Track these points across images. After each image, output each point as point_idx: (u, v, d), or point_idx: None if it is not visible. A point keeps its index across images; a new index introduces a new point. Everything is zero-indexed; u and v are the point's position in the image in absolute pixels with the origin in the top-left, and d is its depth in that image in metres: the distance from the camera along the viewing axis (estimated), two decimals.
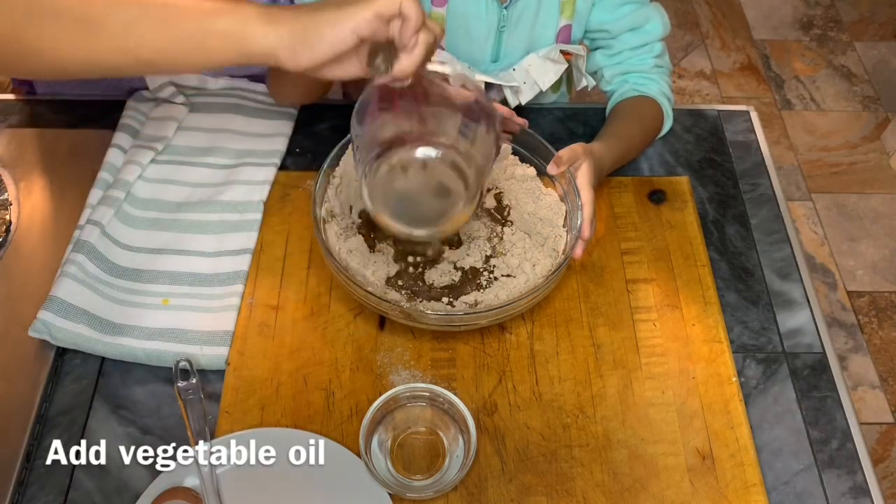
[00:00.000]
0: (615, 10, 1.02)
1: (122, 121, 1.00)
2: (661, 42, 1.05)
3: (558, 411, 0.81)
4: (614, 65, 1.06)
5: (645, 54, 1.05)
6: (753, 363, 0.86)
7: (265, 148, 1.00)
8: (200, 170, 0.97)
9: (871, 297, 1.95)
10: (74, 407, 0.80)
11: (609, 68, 1.06)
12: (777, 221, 0.99)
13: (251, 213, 0.93)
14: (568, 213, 0.90)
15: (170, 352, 0.81)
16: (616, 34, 1.04)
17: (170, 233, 0.91)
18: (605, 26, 1.04)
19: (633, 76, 1.05)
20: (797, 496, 0.77)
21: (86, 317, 0.82)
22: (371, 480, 0.74)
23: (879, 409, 1.77)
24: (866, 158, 2.25)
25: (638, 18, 1.03)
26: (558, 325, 0.87)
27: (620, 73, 1.05)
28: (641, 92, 1.04)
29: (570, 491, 0.76)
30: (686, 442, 0.79)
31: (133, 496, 0.73)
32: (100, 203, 0.91)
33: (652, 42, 1.04)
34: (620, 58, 1.05)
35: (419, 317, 0.80)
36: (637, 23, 1.03)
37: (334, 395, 0.81)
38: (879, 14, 2.67)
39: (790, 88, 2.43)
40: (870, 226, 2.09)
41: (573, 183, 0.88)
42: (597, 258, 0.93)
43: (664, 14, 1.05)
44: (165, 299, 0.86)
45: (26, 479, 0.75)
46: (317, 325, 0.87)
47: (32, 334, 0.80)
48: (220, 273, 0.88)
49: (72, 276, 0.84)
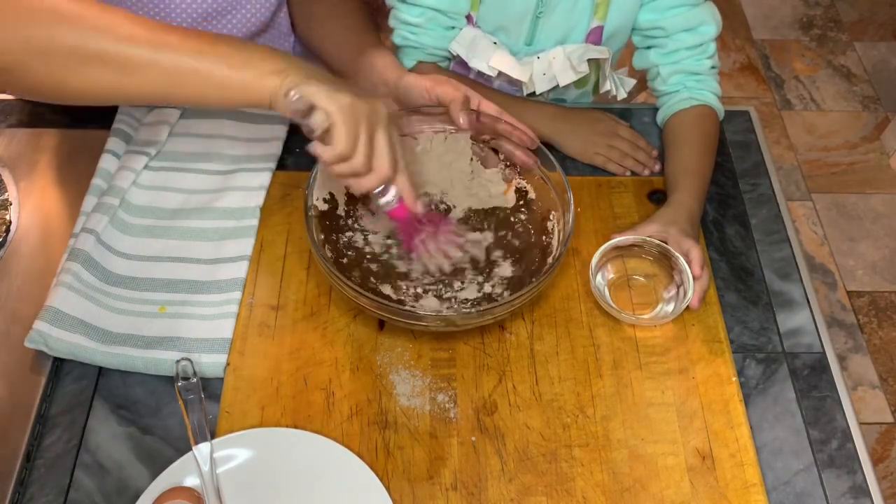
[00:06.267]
0: (668, 9, 1.02)
1: (114, 125, 0.99)
2: (714, 42, 1.05)
3: (558, 411, 0.81)
4: (671, 63, 1.05)
5: (700, 55, 1.04)
6: (753, 363, 0.86)
7: (260, 153, 0.99)
8: (196, 176, 0.97)
9: (870, 297, 1.95)
10: (74, 407, 0.80)
11: (666, 66, 1.05)
12: (777, 221, 0.99)
13: (248, 219, 0.93)
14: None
15: (168, 360, 0.80)
16: (671, 33, 1.03)
17: (166, 240, 0.90)
18: (658, 24, 1.03)
19: (691, 80, 1.04)
20: (797, 496, 0.77)
21: (82, 326, 0.81)
22: (371, 480, 0.74)
23: (879, 409, 1.77)
24: (866, 158, 2.25)
25: (692, 19, 1.02)
26: (558, 325, 0.87)
27: (677, 72, 1.05)
28: (699, 100, 1.03)
29: (570, 491, 0.76)
30: (686, 442, 0.80)
31: (133, 496, 0.73)
32: (94, 210, 0.90)
33: (707, 42, 1.04)
34: (677, 57, 1.04)
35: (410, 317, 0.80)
36: (692, 23, 1.02)
37: (334, 395, 0.81)
38: (879, 14, 2.67)
39: (790, 88, 2.43)
40: (870, 226, 2.09)
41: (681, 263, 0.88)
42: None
43: (717, 13, 1.04)
44: (162, 307, 0.85)
45: (26, 479, 0.75)
46: (317, 325, 0.87)
47: (28, 345, 0.80)
48: (217, 280, 0.87)
49: (67, 286, 0.83)
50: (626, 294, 0.90)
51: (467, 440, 0.79)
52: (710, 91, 1.04)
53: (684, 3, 1.02)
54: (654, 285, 0.91)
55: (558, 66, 1.04)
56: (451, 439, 0.79)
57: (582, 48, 1.04)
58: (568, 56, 1.04)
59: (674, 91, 1.05)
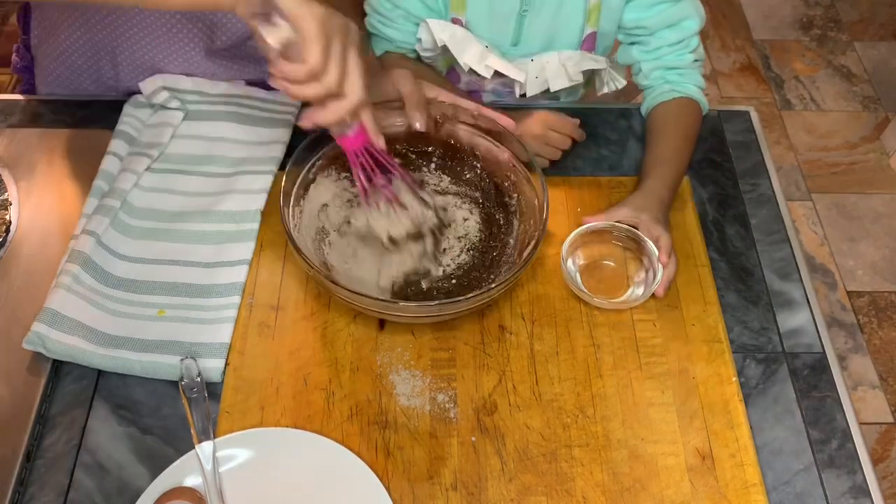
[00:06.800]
0: (650, 7, 1.02)
1: (118, 127, 0.99)
2: (697, 35, 1.05)
3: (558, 411, 0.81)
4: (653, 60, 1.05)
5: (682, 50, 1.04)
6: (753, 363, 0.86)
7: (262, 156, 0.98)
8: (197, 179, 0.96)
9: (870, 297, 1.95)
10: (74, 407, 0.80)
11: (647, 63, 1.06)
12: (777, 221, 0.99)
13: (248, 223, 0.92)
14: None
15: (166, 364, 0.80)
16: (653, 31, 1.04)
17: (166, 243, 0.90)
18: (641, 23, 1.03)
19: (672, 74, 1.04)
20: (797, 496, 0.77)
21: (81, 329, 0.81)
22: (371, 480, 0.74)
23: (879, 409, 1.77)
24: (866, 158, 2.25)
25: (674, 15, 1.02)
26: (558, 325, 0.87)
27: (659, 67, 1.05)
28: (681, 92, 1.03)
29: (570, 491, 0.76)
30: (686, 442, 0.80)
31: (133, 496, 0.73)
32: (95, 212, 0.90)
33: (689, 37, 1.04)
34: (658, 53, 1.05)
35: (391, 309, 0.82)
36: (674, 19, 1.03)
37: (334, 395, 0.81)
38: (879, 14, 2.67)
39: (790, 88, 2.43)
40: (870, 226, 2.09)
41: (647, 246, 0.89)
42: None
43: (700, 7, 1.04)
44: (161, 310, 0.85)
45: (26, 479, 0.75)
46: (317, 325, 0.87)
47: (27, 346, 0.80)
48: (217, 284, 0.87)
49: (66, 288, 0.82)
50: (596, 278, 0.91)
51: (467, 440, 0.79)
52: (693, 84, 1.04)
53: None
54: (625, 270, 0.92)
55: (551, 72, 1.04)
56: (451, 439, 0.79)
57: (577, 56, 1.04)
58: (563, 63, 1.04)
59: (657, 84, 1.05)
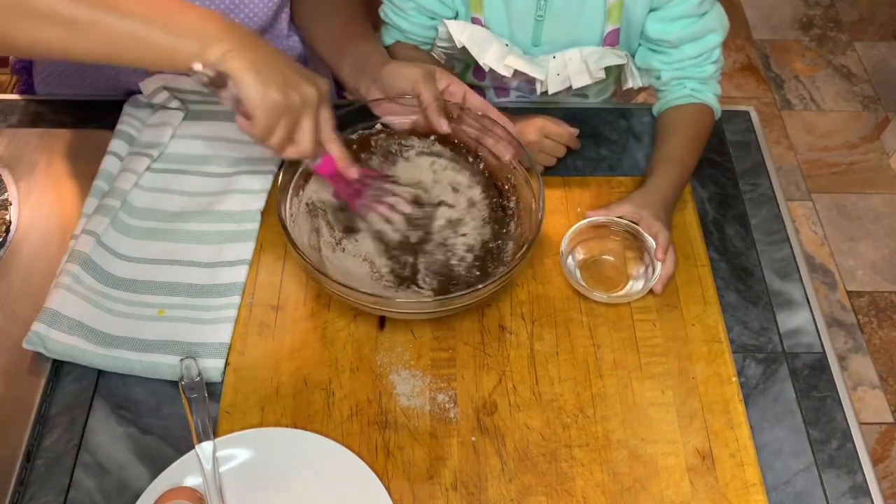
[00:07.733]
0: (674, 21, 1.00)
1: (118, 126, 0.99)
2: (720, 47, 1.03)
3: (558, 411, 0.81)
4: (673, 70, 1.04)
5: (704, 62, 1.03)
6: (753, 363, 0.86)
7: (262, 155, 0.98)
8: (197, 179, 0.96)
9: (870, 297, 1.95)
10: (74, 407, 0.80)
11: (667, 72, 1.04)
12: (777, 221, 0.99)
13: (248, 223, 0.92)
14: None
15: (166, 364, 0.80)
16: (677, 45, 1.02)
17: (166, 243, 0.90)
18: (665, 37, 1.01)
19: (692, 83, 1.03)
20: (797, 496, 0.77)
21: (80, 329, 0.81)
22: (371, 480, 0.74)
23: (879, 409, 1.77)
24: (866, 158, 2.25)
25: (698, 30, 1.00)
26: (558, 325, 0.87)
27: (678, 77, 1.04)
28: (698, 99, 1.02)
29: (570, 491, 0.76)
30: (686, 442, 0.80)
31: (133, 496, 0.73)
32: (95, 212, 0.90)
33: (711, 49, 1.02)
34: (680, 66, 1.03)
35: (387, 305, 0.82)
36: (698, 34, 1.01)
37: (334, 395, 0.81)
38: (879, 14, 2.67)
39: (790, 88, 2.43)
40: (870, 226, 2.09)
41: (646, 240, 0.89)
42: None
43: (724, 17, 1.02)
44: (161, 310, 0.85)
45: (26, 479, 0.75)
46: (317, 325, 0.87)
47: (27, 346, 0.79)
48: (217, 284, 0.87)
49: (66, 288, 0.82)
50: (595, 273, 0.91)
51: (467, 440, 0.79)
52: (711, 92, 1.04)
53: (690, 13, 0.99)
54: (624, 265, 0.92)
55: (574, 68, 1.02)
56: (451, 439, 0.79)
57: (599, 52, 1.02)
58: (585, 59, 1.02)
59: (674, 89, 1.04)
